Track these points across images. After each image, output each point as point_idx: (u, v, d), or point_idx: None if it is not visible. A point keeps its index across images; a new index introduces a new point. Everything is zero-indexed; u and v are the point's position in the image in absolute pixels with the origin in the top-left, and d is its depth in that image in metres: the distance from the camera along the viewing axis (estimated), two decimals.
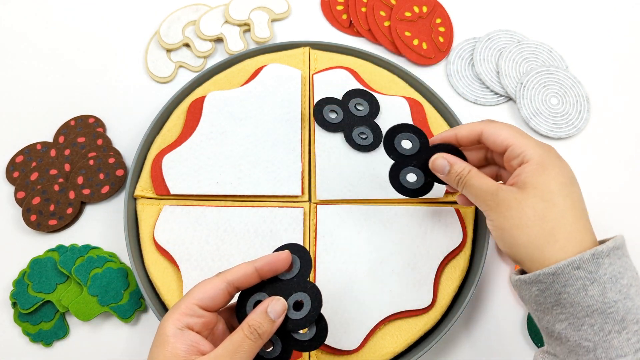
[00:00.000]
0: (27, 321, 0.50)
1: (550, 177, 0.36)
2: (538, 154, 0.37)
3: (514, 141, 0.38)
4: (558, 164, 0.37)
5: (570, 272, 0.34)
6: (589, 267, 0.33)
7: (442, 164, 0.41)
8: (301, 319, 0.38)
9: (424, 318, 0.48)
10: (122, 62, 0.63)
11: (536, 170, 0.37)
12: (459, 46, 0.64)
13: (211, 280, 0.37)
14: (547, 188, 0.36)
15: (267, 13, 0.64)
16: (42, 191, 0.54)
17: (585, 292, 0.33)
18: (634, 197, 0.58)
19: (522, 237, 0.36)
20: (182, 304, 0.36)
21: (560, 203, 0.36)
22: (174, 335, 0.35)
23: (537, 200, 0.36)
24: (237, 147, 0.53)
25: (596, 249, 0.34)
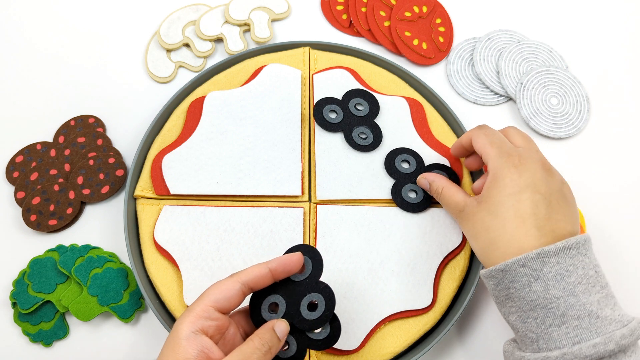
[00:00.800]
0: (27, 321, 0.50)
1: (499, 189, 0.40)
2: (496, 165, 0.41)
3: (483, 151, 0.43)
4: (510, 174, 0.40)
5: (516, 269, 0.37)
6: (533, 265, 0.37)
7: (424, 183, 0.49)
8: (316, 319, 0.39)
9: (424, 318, 0.48)
10: (122, 62, 0.63)
11: (489, 183, 0.41)
12: (459, 46, 0.64)
13: (226, 282, 0.37)
14: (495, 200, 0.40)
15: (267, 13, 0.64)
16: (42, 191, 0.54)
17: (530, 287, 0.37)
18: (634, 197, 0.58)
19: (475, 246, 0.42)
20: (198, 306, 0.36)
21: (502, 214, 0.40)
22: (187, 339, 0.35)
23: (485, 213, 0.41)
24: (237, 147, 0.53)
25: (542, 249, 0.37)
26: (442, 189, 0.46)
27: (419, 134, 0.54)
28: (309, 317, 0.39)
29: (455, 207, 0.45)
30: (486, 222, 0.40)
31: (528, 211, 0.39)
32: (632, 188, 0.58)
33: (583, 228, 0.54)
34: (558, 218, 0.39)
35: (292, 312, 0.39)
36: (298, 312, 0.39)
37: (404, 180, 0.51)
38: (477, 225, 0.41)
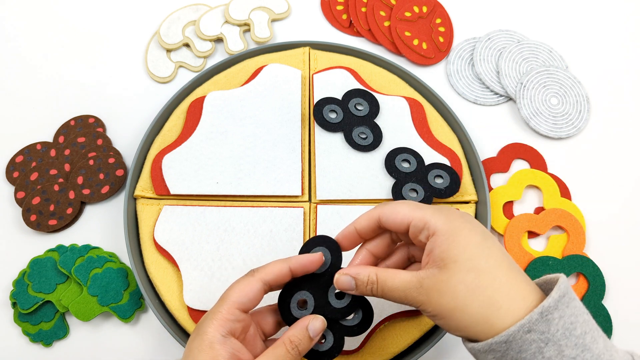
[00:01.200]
0: (27, 321, 0.50)
1: (464, 243, 0.34)
2: (442, 222, 0.35)
3: (413, 215, 0.36)
4: (464, 226, 0.35)
5: (522, 336, 0.32)
6: (540, 327, 0.32)
7: (346, 280, 0.37)
8: (346, 306, 0.38)
9: (424, 318, 0.48)
10: (122, 62, 0.63)
11: (447, 241, 0.34)
12: (459, 46, 0.64)
13: (248, 281, 0.37)
14: (466, 256, 0.34)
15: (267, 13, 0.64)
16: (42, 191, 0.54)
17: (542, 355, 0.32)
18: (634, 197, 0.58)
19: (465, 318, 0.33)
20: (224, 308, 0.36)
21: (485, 267, 0.33)
22: (219, 343, 0.35)
23: (463, 274, 0.33)
24: (237, 147, 0.53)
25: (543, 306, 0.32)
26: (375, 275, 0.36)
27: (419, 134, 0.54)
28: (340, 305, 0.38)
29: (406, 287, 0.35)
30: (471, 284, 0.33)
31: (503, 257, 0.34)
32: (632, 188, 0.58)
33: (583, 227, 0.54)
34: None
35: (322, 304, 0.39)
36: (327, 303, 0.39)
37: (404, 179, 0.51)
38: (461, 291, 0.33)
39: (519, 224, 0.54)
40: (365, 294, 0.37)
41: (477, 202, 0.53)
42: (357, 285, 0.37)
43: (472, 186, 0.54)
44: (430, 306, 0.34)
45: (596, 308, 0.51)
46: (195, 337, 0.35)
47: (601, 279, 0.52)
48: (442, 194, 0.51)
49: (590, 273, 0.52)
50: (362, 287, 0.37)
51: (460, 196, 0.53)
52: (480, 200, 0.53)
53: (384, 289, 0.36)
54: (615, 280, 0.53)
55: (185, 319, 0.48)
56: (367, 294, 0.37)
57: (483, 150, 0.59)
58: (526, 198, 0.57)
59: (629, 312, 0.52)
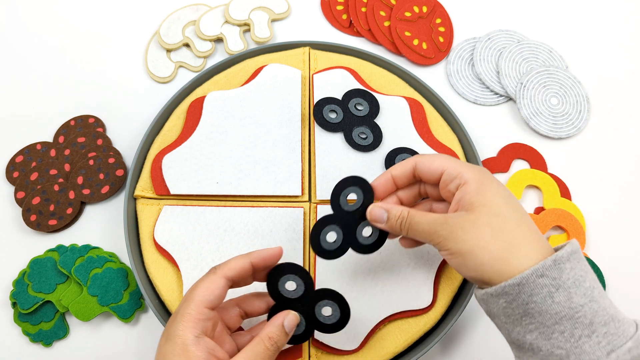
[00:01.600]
0: (27, 321, 0.50)
1: (493, 192, 0.37)
2: (474, 174, 0.38)
3: (448, 165, 0.39)
4: (495, 181, 0.38)
5: (535, 280, 0.33)
6: (552, 273, 0.34)
7: (379, 212, 0.40)
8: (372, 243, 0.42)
9: (424, 318, 0.48)
10: (122, 62, 0.63)
11: (478, 189, 0.37)
12: (459, 46, 0.64)
13: (212, 279, 0.37)
14: (495, 202, 0.36)
15: (267, 13, 0.64)
16: (42, 191, 0.54)
17: (552, 299, 0.33)
18: (633, 197, 0.58)
19: (485, 256, 0.35)
20: (192, 309, 0.36)
21: (511, 215, 0.36)
22: (193, 344, 0.35)
23: (490, 217, 0.36)
24: (237, 147, 0.53)
25: (556, 255, 0.34)
26: (407, 212, 0.39)
27: (419, 134, 0.54)
28: (367, 242, 0.42)
29: (434, 222, 0.38)
30: (498, 225, 0.35)
31: (527, 215, 0.37)
32: (632, 188, 0.58)
33: (583, 227, 0.54)
34: None
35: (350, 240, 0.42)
36: (355, 238, 0.42)
37: None
38: (485, 230, 0.35)
39: None
40: (393, 229, 0.40)
41: None
42: (389, 218, 0.40)
43: None
44: (451, 242, 0.36)
45: None
46: (166, 342, 0.35)
47: (601, 279, 0.52)
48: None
49: None
50: (392, 220, 0.40)
51: None
52: None
53: (412, 223, 0.39)
54: (615, 280, 0.53)
55: None
56: (395, 229, 0.40)
57: (483, 150, 0.59)
58: (526, 198, 0.57)
59: (629, 312, 0.52)
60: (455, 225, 0.36)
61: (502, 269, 0.35)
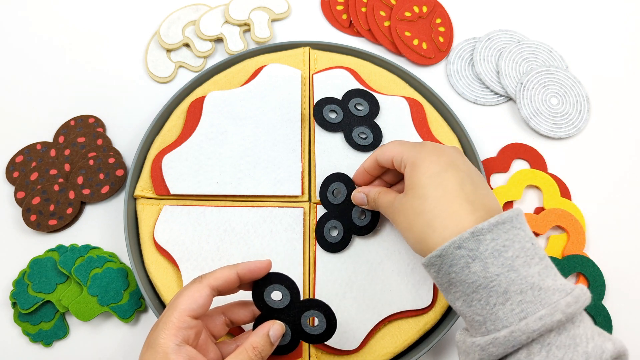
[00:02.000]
0: (27, 321, 0.50)
1: (421, 172, 0.39)
2: (412, 155, 0.41)
3: (394, 152, 0.42)
4: (428, 157, 0.40)
5: (452, 252, 0.36)
6: (469, 245, 0.35)
7: (360, 196, 0.47)
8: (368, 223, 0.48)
9: (424, 318, 0.48)
10: (122, 62, 0.63)
11: (412, 171, 0.40)
12: (459, 46, 0.64)
13: (197, 288, 0.37)
14: (419, 184, 0.39)
15: (267, 13, 0.64)
16: (42, 191, 0.54)
17: (469, 269, 0.35)
18: (633, 197, 0.58)
19: (410, 236, 0.40)
20: (174, 317, 0.36)
21: (431, 194, 0.38)
22: (174, 352, 0.35)
23: (414, 200, 0.39)
24: (237, 147, 0.53)
25: (476, 227, 0.35)
26: (377, 194, 0.45)
27: (419, 134, 0.54)
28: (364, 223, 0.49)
29: (388, 205, 0.43)
30: (417, 207, 0.39)
31: (456, 187, 0.38)
32: (632, 188, 0.58)
33: (583, 227, 0.54)
34: (484, 193, 0.39)
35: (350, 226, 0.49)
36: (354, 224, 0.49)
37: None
38: (409, 213, 0.39)
39: None
40: (373, 208, 0.46)
41: None
42: (368, 201, 0.46)
43: None
44: (395, 223, 0.42)
45: (596, 308, 0.51)
46: (147, 349, 0.35)
47: (601, 279, 0.52)
48: None
49: (590, 273, 0.52)
50: (370, 202, 0.46)
51: None
52: None
53: (377, 204, 0.44)
54: (615, 280, 0.53)
55: None
56: (375, 208, 0.46)
57: (483, 150, 0.59)
58: (526, 198, 0.57)
59: (629, 312, 0.52)
60: (395, 208, 0.41)
61: (423, 248, 0.38)
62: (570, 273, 0.52)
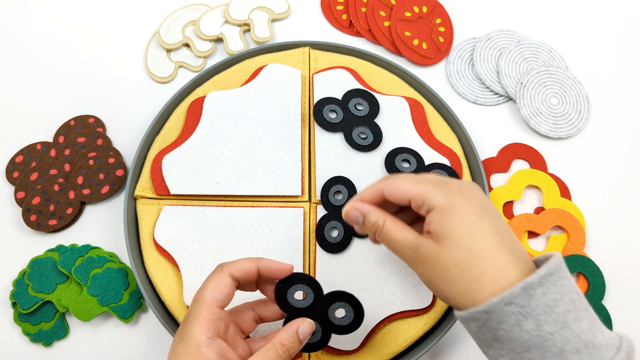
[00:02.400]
0: (27, 321, 0.50)
1: (458, 220, 0.35)
2: (440, 198, 0.36)
3: (413, 192, 0.37)
4: (462, 202, 0.36)
5: (502, 308, 0.33)
6: (520, 301, 0.33)
7: (355, 214, 0.39)
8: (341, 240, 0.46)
9: (424, 318, 0.48)
10: (122, 62, 0.63)
11: (443, 217, 0.36)
12: (459, 46, 0.64)
13: (220, 278, 0.37)
14: (458, 234, 0.35)
15: (267, 13, 0.64)
16: (42, 191, 0.54)
17: (520, 327, 0.33)
18: (633, 197, 0.58)
19: (451, 291, 0.35)
20: (203, 310, 0.36)
21: (474, 246, 0.35)
22: (206, 345, 0.35)
23: (453, 251, 0.35)
24: (237, 147, 0.53)
25: (526, 281, 0.33)
26: (383, 222, 0.38)
27: (419, 134, 0.54)
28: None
29: (405, 245, 0.37)
30: (460, 261, 0.35)
31: (496, 237, 0.35)
32: (632, 188, 0.58)
33: (583, 227, 0.54)
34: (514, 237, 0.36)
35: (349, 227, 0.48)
36: None
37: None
38: (449, 266, 0.35)
39: (519, 224, 0.54)
40: (364, 232, 0.39)
41: None
42: (364, 223, 0.39)
43: None
44: (421, 271, 0.37)
45: (596, 308, 0.51)
46: (179, 342, 0.35)
47: (601, 279, 0.52)
48: None
49: (590, 273, 0.52)
50: (367, 226, 0.39)
51: None
52: None
53: (386, 238, 0.38)
54: (615, 280, 0.53)
55: None
56: (368, 234, 0.39)
57: (483, 150, 0.59)
58: (526, 198, 0.57)
59: (629, 312, 0.52)
60: (424, 255, 0.36)
61: (467, 303, 0.35)
62: (570, 273, 0.52)
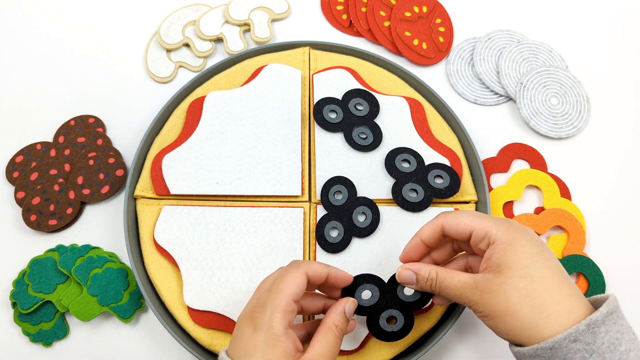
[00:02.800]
0: (27, 321, 0.50)
1: (520, 252, 0.36)
2: (502, 232, 0.37)
3: (475, 225, 0.38)
4: (523, 236, 0.37)
5: (567, 345, 0.33)
6: (585, 338, 0.33)
7: (408, 274, 0.41)
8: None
9: (425, 318, 0.48)
10: (122, 62, 0.63)
11: (505, 249, 0.36)
12: (459, 46, 0.64)
13: (298, 274, 0.38)
14: (522, 264, 0.36)
15: (267, 13, 0.64)
16: (42, 191, 0.54)
17: None
18: (634, 197, 0.58)
19: (514, 322, 0.35)
20: (281, 300, 0.36)
21: (538, 276, 0.35)
22: (284, 335, 0.36)
23: (516, 280, 0.35)
24: (237, 147, 0.53)
25: (591, 319, 0.33)
26: (436, 273, 0.40)
27: (419, 134, 0.54)
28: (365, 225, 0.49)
29: (462, 287, 0.38)
30: (523, 289, 0.35)
31: (558, 269, 0.36)
32: (632, 188, 0.58)
33: (583, 227, 0.54)
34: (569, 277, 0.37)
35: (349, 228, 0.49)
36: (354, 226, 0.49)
37: (404, 179, 0.51)
38: (513, 295, 0.35)
39: None
40: (423, 289, 0.41)
41: (477, 202, 0.53)
42: (418, 280, 0.40)
43: (472, 186, 0.54)
44: (482, 306, 0.37)
45: None
46: (255, 330, 0.36)
47: (601, 279, 0.52)
48: (442, 194, 0.51)
49: (590, 273, 0.52)
50: (422, 282, 0.40)
51: (460, 196, 0.53)
52: (480, 200, 0.53)
53: (442, 286, 0.39)
54: (615, 280, 0.53)
55: (185, 319, 0.48)
56: (425, 289, 0.40)
57: (483, 150, 0.59)
58: (526, 198, 0.57)
59: (629, 312, 0.52)
60: (484, 289, 0.36)
61: (531, 334, 0.35)
62: (570, 273, 0.52)
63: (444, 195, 0.51)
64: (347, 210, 0.50)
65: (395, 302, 0.43)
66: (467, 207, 0.53)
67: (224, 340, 0.47)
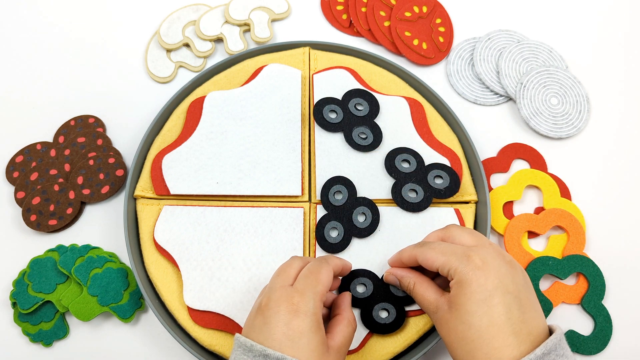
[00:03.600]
0: (27, 321, 0.50)
1: (468, 296, 0.37)
2: (460, 270, 0.38)
3: (439, 262, 0.40)
4: (476, 279, 0.38)
5: None
6: None
7: (392, 279, 0.46)
8: None
9: (424, 318, 0.48)
10: (122, 62, 0.63)
11: (458, 289, 0.38)
12: (459, 46, 0.64)
13: (329, 268, 0.41)
14: (465, 309, 0.37)
15: (267, 13, 0.64)
16: (42, 191, 0.54)
17: None
18: (634, 197, 0.58)
19: (453, 353, 0.39)
20: (320, 289, 0.39)
21: (476, 324, 0.37)
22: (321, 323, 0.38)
23: (457, 323, 0.38)
24: (237, 147, 0.53)
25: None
26: (413, 284, 0.43)
27: (419, 134, 0.54)
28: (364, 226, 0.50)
29: (427, 306, 0.41)
30: (460, 333, 0.37)
31: (502, 317, 0.36)
32: (632, 188, 0.58)
33: (583, 227, 0.54)
34: (531, 315, 0.37)
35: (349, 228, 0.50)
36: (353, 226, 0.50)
37: (404, 179, 0.51)
38: (452, 334, 0.38)
39: (519, 224, 0.54)
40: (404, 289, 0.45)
41: (477, 202, 0.53)
42: (401, 284, 0.45)
43: (472, 186, 0.54)
44: (437, 327, 0.41)
45: (596, 308, 0.51)
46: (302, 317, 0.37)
47: (601, 279, 0.52)
48: (442, 194, 0.51)
49: (590, 273, 0.52)
50: (404, 287, 0.45)
51: (460, 196, 0.53)
52: (480, 200, 0.53)
53: (416, 297, 0.43)
54: (615, 280, 0.53)
55: (185, 319, 0.48)
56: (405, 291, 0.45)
57: (483, 150, 0.59)
58: (526, 198, 0.57)
59: (629, 312, 0.52)
60: (440, 318, 0.40)
61: None
62: (570, 273, 0.52)
63: (444, 196, 0.51)
64: (347, 210, 0.50)
65: (388, 297, 0.47)
66: (467, 207, 0.53)
67: (224, 340, 0.47)
